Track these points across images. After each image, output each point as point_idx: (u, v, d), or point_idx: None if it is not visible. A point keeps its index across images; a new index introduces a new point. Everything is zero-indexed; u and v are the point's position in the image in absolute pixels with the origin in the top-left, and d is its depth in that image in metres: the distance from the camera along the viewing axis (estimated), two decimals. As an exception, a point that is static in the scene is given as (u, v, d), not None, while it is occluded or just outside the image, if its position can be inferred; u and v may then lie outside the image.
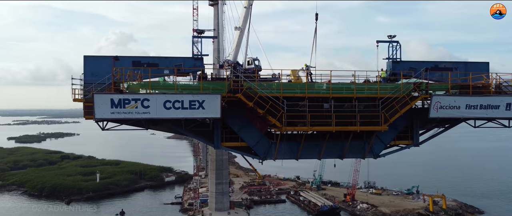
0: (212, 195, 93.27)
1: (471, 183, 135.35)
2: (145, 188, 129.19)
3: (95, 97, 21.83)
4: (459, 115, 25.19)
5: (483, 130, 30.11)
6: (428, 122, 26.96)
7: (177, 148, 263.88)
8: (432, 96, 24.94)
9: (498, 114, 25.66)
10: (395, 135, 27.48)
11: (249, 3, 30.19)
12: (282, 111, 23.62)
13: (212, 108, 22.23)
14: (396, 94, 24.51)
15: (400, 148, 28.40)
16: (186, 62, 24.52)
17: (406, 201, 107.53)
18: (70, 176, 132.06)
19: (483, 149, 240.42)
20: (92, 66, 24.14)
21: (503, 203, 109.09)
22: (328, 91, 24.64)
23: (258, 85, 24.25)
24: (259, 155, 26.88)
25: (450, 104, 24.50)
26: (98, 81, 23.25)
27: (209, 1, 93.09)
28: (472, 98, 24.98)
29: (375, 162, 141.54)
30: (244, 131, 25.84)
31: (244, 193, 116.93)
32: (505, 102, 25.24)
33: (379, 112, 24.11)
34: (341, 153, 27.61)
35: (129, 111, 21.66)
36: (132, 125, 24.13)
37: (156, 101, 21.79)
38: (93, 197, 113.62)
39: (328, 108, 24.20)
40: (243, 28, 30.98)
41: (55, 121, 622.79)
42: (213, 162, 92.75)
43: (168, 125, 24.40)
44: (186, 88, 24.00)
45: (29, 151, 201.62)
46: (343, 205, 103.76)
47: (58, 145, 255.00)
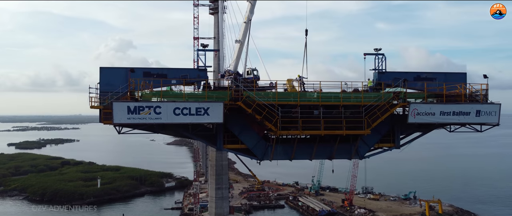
0: (212, 200, 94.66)
1: (468, 188, 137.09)
2: (145, 193, 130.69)
3: (114, 104, 24.42)
4: (434, 121, 27.66)
5: (481, 137, 31.67)
6: (407, 127, 29.51)
7: (177, 154, 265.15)
8: (410, 104, 27.52)
9: (469, 120, 28.32)
10: (379, 138, 30.19)
11: (248, 18, 32.40)
12: (277, 117, 26.14)
13: (216, 114, 24.73)
14: (378, 102, 27.19)
15: (383, 150, 30.90)
16: (191, 73, 27.03)
17: (403, 206, 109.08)
18: (71, 182, 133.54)
19: (480, 155, 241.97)
20: (107, 76, 26.59)
21: (498, 208, 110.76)
22: (318, 100, 27.26)
23: (256, 94, 26.78)
24: (257, 156, 29.17)
25: (426, 111, 27.09)
26: (114, 91, 25.76)
27: (209, 10, 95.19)
28: (446, 105, 27.50)
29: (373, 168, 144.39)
30: (244, 135, 28.34)
31: (244, 198, 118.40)
32: (475, 109, 27.84)
33: (362, 118, 26.71)
34: (330, 155, 30.42)
35: (143, 117, 24.23)
36: (144, 130, 26.50)
37: (167, 108, 24.30)
38: (94, 202, 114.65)
39: (318, 115, 26.81)
40: (243, 41, 33.33)
41: (55, 127, 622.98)
42: (213, 167, 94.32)
43: (177, 129, 26.88)
44: (193, 96, 26.53)
45: (30, 157, 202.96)
46: (341, 210, 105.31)
47: (58, 151, 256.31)
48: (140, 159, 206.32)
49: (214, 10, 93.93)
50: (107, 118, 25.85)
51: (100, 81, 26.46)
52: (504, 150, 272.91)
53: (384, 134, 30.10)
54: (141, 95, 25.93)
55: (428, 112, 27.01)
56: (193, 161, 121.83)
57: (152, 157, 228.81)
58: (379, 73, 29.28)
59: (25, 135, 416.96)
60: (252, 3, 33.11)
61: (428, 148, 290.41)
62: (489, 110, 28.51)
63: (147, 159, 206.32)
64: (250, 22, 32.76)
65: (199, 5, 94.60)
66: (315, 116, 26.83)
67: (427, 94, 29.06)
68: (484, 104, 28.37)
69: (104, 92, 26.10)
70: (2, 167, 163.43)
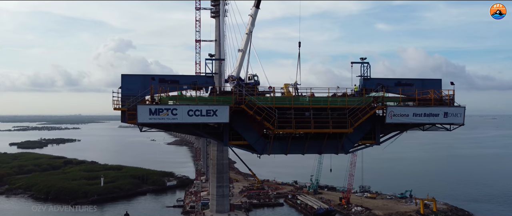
0: (213, 198, 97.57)
1: (463, 187, 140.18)
2: (147, 192, 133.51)
3: (138, 107, 28.59)
4: (408, 121, 31.86)
5: (481, 137, 34.21)
6: (386, 126, 33.25)
7: (177, 154, 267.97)
8: (387, 106, 31.62)
9: (438, 120, 32.56)
10: (361, 136, 34.58)
11: (249, 30, 35.82)
12: (274, 118, 30.33)
13: (223, 115, 29.00)
14: (360, 105, 31.53)
15: (365, 146, 34.76)
16: (200, 80, 31.19)
17: (399, 204, 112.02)
18: (75, 180, 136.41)
19: (478, 156, 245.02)
20: (127, 82, 30.73)
21: (492, 206, 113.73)
22: (309, 103, 31.72)
23: (256, 98, 31.11)
24: (257, 151, 33.22)
25: (401, 113, 31.32)
26: (133, 95, 29.91)
27: (211, 13, 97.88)
28: (418, 108, 31.84)
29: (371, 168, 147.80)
30: (246, 133, 32.52)
31: (244, 196, 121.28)
32: (443, 111, 31.98)
33: (346, 119, 31.13)
34: (320, 150, 34.46)
35: (162, 118, 28.36)
36: (162, 128, 30.03)
37: (182, 110, 28.60)
38: (98, 200, 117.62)
39: (309, 115, 31.14)
40: (245, 50, 37.04)
41: (55, 127, 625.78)
42: (214, 166, 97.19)
43: (189, 128, 30.83)
44: (203, 100, 30.65)
45: (33, 157, 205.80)
46: (338, 208, 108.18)
47: (60, 151, 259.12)
48: (141, 159, 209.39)
49: (216, 14, 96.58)
50: (131, 118, 29.64)
51: (122, 86, 30.37)
52: (502, 150, 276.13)
53: (366, 132, 34.39)
54: (160, 99, 29.94)
55: (403, 114, 31.17)
56: (195, 159, 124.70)
57: (153, 156, 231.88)
58: (364, 79, 33.36)
59: (26, 135, 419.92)
60: (253, 17, 36.57)
61: (426, 149, 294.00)
62: (455, 112, 32.48)
63: (148, 159, 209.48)
64: (251, 33, 36.20)
65: (201, 8, 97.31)
66: (307, 117, 31.13)
67: (406, 98, 32.82)
68: (451, 107, 32.43)
69: (125, 96, 30.07)
70: (5, 166, 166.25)
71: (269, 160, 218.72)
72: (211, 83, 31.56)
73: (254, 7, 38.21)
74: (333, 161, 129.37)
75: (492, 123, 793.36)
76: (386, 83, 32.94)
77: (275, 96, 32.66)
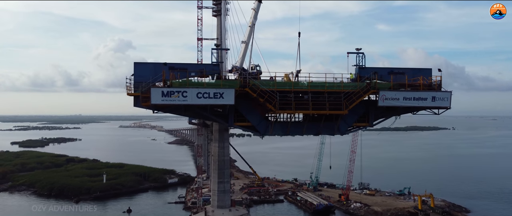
0: (214, 193, 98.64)
1: (461, 185, 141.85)
2: (149, 189, 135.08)
3: (152, 90, 30.82)
4: (399, 104, 34.20)
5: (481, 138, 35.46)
6: (378, 110, 34.90)
7: (178, 153, 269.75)
8: (379, 91, 33.79)
9: (426, 104, 34.75)
10: (356, 118, 37.19)
11: (252, 23, 37.82)
12: (276, 100, 32.51)
13: (229, 97, 31.31)
14: (354, 89, 34.03)
15: (360, 128, 36.58)
16: (207, 68, 32.98)
17: (397, 201, 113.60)
18: (77, 177, 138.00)
19: (477, 155, 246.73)
20: (139, 70, 33.07)
21: (489, 203, 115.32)
22: (307, 87, 34.09)
23: (259, 82, 33.71)
24: (260, 132, 35.51)
25: (392, 97, 33.68)
26: (145, 81, 32.19)
27: (212, 12, 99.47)
28: (408, 92, 34.04)
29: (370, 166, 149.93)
30: (250, 115, 34.94)
31: (244, 193, 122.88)
32: (431, 96, 34.22)
33: (342, 101, 33.46)
34: (317, 131, 37.07)
35: (173, 99, 30.72)
36: (172, 110, 31.81)
37: (191, 93, 30.85)
38: (101, 196, 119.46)
39: (307, 98, 33.52)
40: (248, 42, 38.97)
41: (56, 127, 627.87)
42: (216, 162, 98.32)
43: (198, 111, 32.94)
44: (211, 84, 32.48)
45: (35, 155, 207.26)
46: (338, 205, 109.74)
47: (61, 150, 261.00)
48: (143, 157, 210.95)
49: (217, 13, 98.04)
50: (144, 100, 31.99)
51: (134, 73, 32.78)
52: (501, 150, 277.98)
53: (360, 115, 36.81)
54: (171, 83, 32.15)
55: (394, 98, 33.60)
56: (197, 155, 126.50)
57: (154, 155, 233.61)
58: (359, 68, 35.09)
59: (27, 134, 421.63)
60: (255, 10, 38.54)
61: (426, 149, 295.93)
62: (442, 96, 34.73)
63: (149, 157, 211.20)
64: (254, 26, 38.28)
65: (203, 7, 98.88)
66: (305, 100, 33.56)
67: (398, 85, 34.54)
68: (438, 91, 34.24)
69: (137, 82, 32.47)
70: (8, 164, 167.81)
71: (270, 158, 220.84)
72: (217, 71, 33.68)
73: (257, 0, 40.39)
74: (332, 159, 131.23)
75: (492, 124, 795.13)
76: (380, 72, 35.07)
77: (276, 81, 34.78)
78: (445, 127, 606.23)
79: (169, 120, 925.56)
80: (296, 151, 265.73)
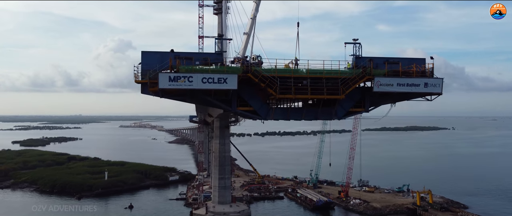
0: (215, 189, 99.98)
1: (460, 182, 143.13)
2: (150, 186, 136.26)
3: (160, 75, 32.49)
4: (393, 90, 35.51)
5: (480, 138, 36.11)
6: (374, 96, 36.42)
7: (178, 152, 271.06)
8: (374, 77, 35.33)
9: (418, 90, 36.05)
10: (352, 104, 38.67)
11: (254, 15, 39.37)
12: (277, 85, 34.15)
13: (232, 82, 32.95)
14: (350, 75, 35.64)
15: (356, 113, 37.97)
16: (211, 56, 34.54)
17: (396, 197, 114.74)
18: (79, 175, 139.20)
19: (477, 155, 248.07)
20: (146, 58, 34.86)
21: (487, 200, 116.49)
22: (306, 73, 35.68)
23: (260, 69, 35.33)
24: (261, 116, 37.17)
25: (386, 83, 35.28)
26: (154, 69, 33.89)
27: (213, 10, 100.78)
28: (401, 79, 35.73)
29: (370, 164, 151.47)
30: (251, 100, 36.50)
31: (245, 190, 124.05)
32: (423, 82, 35.72)
33: (339, 87, 35.13)
34: (316, 116, 38.58)
35: (179, 84, 32.41)
36: (179, 95, 33.04)
37: (197, 78, 32.53)
38: (102, 193, 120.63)
39: (306, 84, 35.19)
40: (249, 33, 40.45)
41: (56, 126, 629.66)
42: (217, 158, 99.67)
43: (202, 96, 34.09)
44: (215, 70, 34.01)
45: (37, 153, 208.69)
46: (337, 201, 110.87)
47: (62, 149, 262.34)
48: (143, 156, 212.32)
49: (218, 11, 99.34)
50: (152, 86, 33.64)
51: (142, 62, 34.53)
52: (500, 149, 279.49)
53: (357, 100, 38.37)
54: (178, 69, 33.69)
55: (388, 84, 35.28)
56: (198, 152, 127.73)
57: (155, 154, 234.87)
58: (356, 58, 36.42)
59: (28, 134, 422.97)
60: (257, 3, 40.14)
61: (426, 148, 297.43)
62: (434, 82, 36.27)
63: (150, 156, 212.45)
64: (255, 18, 39.93)
65: (204, 5, 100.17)
66: (304, 85, 35.32)
67: (393, 72, 36.23)
68: (430, 78, 35.82)
69: (145, 70, 34.26)
70: (10, 162, 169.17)
71: (270, 157, 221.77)
72: (220, 60, 35.32)
73: None
74: (332, 157, 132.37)
75: (492, 124, 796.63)
76: (376, 61, 36.61)
77: (277, 68, 36.28)
78: (445, 127, 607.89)
79: (170, 120, 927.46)
80: (296, 150, 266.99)
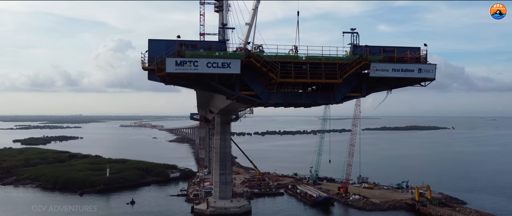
0: (216, 185, 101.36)
1: (458, 180, 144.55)
2: (151, 182, 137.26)
3: (167, 59, 34.04)
4: (388, 75, 37.13)
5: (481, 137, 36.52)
6: (370, 81, 37.47)
7: (179, 150, 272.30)
8: (371, 62, 36.96)
9: (413, 75, 37.59)
10: (350, 89, 40.28)
11: (255, 6, 41.03)
12: (278, 69, 35.82)
13: (235, 67, 34.62)
14: (348, 61, 37.39)
15: (353, 98, 39.63)
16: (215, 44, 35.75)
17: (395, 193, 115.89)
18: (81, 172, 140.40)
19: (476, 153, 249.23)
20: (153, 46, 36.44)
21: (485, 196, 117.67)
22: (305, 58, 37.51)
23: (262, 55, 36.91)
24: (263, 100, 38.54)
25: (382, 68, 36.86)
26: (158, 55, 35.67)
27: (214, 8, 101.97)
28: (396, 64, 37.36)
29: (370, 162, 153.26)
30: (254, 85, 38.17)
31: (245, 186, 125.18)
32: (417, 67, 37.36)
33: (337, 71, 36.85)
34: (314, 100, 40.20)
35: (186, 68, 33.95)
36: (184, 80, 34.38)
37: (202, 62, 34.07)
38: (104, 189, 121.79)
39: (306, 68, 36.89)
40: (251, 23, 41.98)
41: (57, 126, 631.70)
42: (218, 154, 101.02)
43: (207, 81, 35.48)
44: (219, 56, 35.50)
45: (38, 151, 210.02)
46: (337, 197, 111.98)
47: (63, 147, 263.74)
48: (144, 154, 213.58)
49: (219, 8, 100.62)
50: (159, 71, 35.22)
51: (148, 49, 36.13)
52: (499, 148, 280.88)
53: (354, 86, 40.00)
54: (184, 54, 35.22)
55: (384, 69, 36.90)
56: (199, 148, 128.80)
57: (156, 152, 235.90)
58: (354, 47, 37.87)
59: (29, 133, 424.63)
60: None
61: (426, 147, 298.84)
62: (428, 68, 37.90)
63: (151, 154, 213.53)
64: (257, 9, 41.60)
65: (205, 3, 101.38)
66: (304, 70, 36.95)
67: (389, 59, 38.39)
68: (424, 64, 37.67)
69: (151, 57, 35.96)
70: (12, 159, 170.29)
71: (270, 155, 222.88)
72: (224, 48, 36.75)
73: None
74: (332, 156, 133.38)
75: (492, 124, 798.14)
76: (372, 49, 38.25)
77: (278, 54, 37.97)
78: (444, 126, 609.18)
79: (170, 120, 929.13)
80: (296, 149, 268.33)
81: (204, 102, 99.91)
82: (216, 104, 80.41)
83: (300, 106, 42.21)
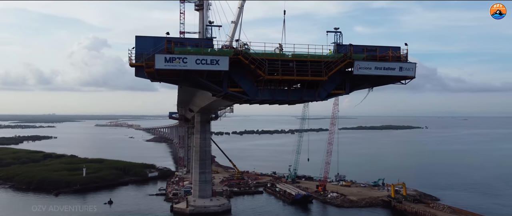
0: (195, 184, 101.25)
1: (431, 177, 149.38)
2: (129, 182, 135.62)
3: (156, 56, 34.35)
4: (371, 73, 38.70)
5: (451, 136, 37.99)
6: (354, 79, 38.76)
7: (157, 150, 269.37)
8: (354, 61, 38.46)
9: (394, 73, 39.31)
10: (334, 87, 41.54)
11: (241, 4, 41.59)
12: (265, 66, 36.78)
13: (224, 64, 35.17)
14: (333, 59, 38.66)
15: (338, 95, 40.76)
16: (202, 42, 35.73)
17: (372, 191, 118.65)
18: (56, 172, 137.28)
19: (447, 151, 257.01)
20: (140, 43, 36.63)
21: (456, 192, 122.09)
22: (292, 56, 38.62)
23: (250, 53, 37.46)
24: (250, 96, 39.34)
25: (365, 66, 38.44)
26: (148, 54, 35.84)
27: (195, 6, 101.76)
28: (378, 63, 38.99)
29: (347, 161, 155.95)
30: (241, 81, 38.88)
31: (225, 185, 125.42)
32: (398, 66, 39.20)
33: (322, 69, 38.01)
34: (300, 97, 41.39)
35: (175, 65, 34.25)
36: (173, 77, 34.50)
37: (191, 59, 34.50)
38: (81, 189, 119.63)
39: (292, 66, 37.89)
40: (237, 22, 42.52)
41: (29, 125, 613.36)
42: (197, 153, 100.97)
43: (196, 78, 35.57)
44: (208, 53, 35.48)
45: (10, 151, 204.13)
46: (315, 195, 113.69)
47: (37, 147, 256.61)
48: (121, 153, 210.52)
49: (199, 7, 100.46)
50: (148, 67, 35.37)
51: (136, 46, 36.18)
52: (468, 147, 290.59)
53: (338, 83, 41.26)
54: (173, 51, 35.39)
55: (367, 67, 38.46)
56: (179, 147, 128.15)
57: (133, 152, 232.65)
58: (337, 45, 38.88)
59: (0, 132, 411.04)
60: None
61: (400, 145, 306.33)
62: (408, 67, 39.69)
63: (128, 154, 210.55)
64: (243, 8, 42.14)
65: (185, 1, 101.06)
66: (290, 67, 37.93)
67: (371, 57, 39.99)
68: (404, 62, 39.59)
69: (139, 54, 36.03)
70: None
71: (249, 154, 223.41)
72: (211, 46, 36.91)
73: None
74: (310, 155, 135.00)
75: (463, 124, 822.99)
76: (355, 48, 39.75)
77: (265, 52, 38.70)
78: (418, 126, 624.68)
79: (147, 120, 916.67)
80: (275, 148, 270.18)
81: (185, 101, 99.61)
82: (198, 102, 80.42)
83: (286, 103, 43.16)
